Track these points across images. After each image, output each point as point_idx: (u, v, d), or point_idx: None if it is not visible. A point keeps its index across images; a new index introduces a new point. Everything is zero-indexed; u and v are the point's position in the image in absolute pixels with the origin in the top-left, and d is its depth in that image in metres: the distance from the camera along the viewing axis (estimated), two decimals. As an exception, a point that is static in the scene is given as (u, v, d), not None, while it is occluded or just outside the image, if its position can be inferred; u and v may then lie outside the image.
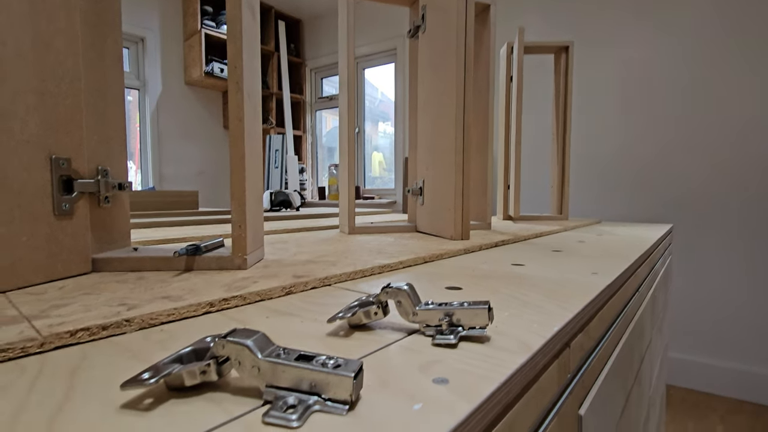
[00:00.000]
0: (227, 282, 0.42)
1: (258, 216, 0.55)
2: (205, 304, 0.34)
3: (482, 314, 0.27)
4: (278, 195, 1.75)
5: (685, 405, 1.82)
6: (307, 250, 0.66)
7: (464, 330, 0.28)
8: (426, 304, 0.29)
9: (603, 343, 0.45)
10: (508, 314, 0.34)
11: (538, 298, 0.39)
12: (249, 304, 0.37)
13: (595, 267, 0.56)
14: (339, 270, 0.48)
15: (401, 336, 0.29)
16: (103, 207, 0.50)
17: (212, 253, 0.49)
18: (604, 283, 0.46)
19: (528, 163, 2.48)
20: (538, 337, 0.28)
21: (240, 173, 0.48)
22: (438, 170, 0.85)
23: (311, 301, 0.38)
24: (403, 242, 0.76)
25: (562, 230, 1.12)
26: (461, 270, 0.54)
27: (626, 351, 0.57)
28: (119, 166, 0.53)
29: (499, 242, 0.80)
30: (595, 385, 0.41)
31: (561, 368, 0.32)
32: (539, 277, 0.49)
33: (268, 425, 0.18)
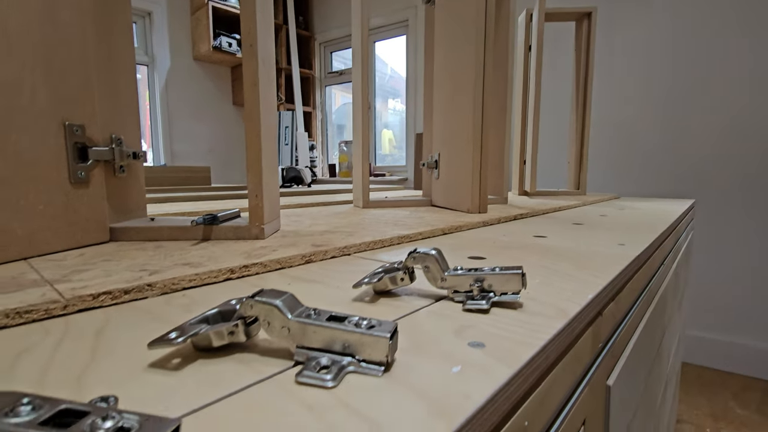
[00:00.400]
0: (246, 250, 0.41)
1: (274, 186, 0.54)
2: (225, 270, 0.34)
3: (515, 279, 0.26)
4: (290, 171, 1.74)
5: (699, 382, 1.82)
6: (323, 222, 0.65)
7: (496, 296, 0.27)
8: (455, 270, 0.28)
9: (631, 313, 0.44)
10: (539, 281, 0.33)
11: (567, 267, 0.38)
12: (269, 271, 0.36)
13: (621, 239, 0.54)
14: (357, 240, 0.47)
15: (429, 302, 0.28)
16: (118, 176, 0.49)
17: (229, 223, 0.49)
18: (634, 254, 0.44)
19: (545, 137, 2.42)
20: (573, 304, 0.27)
21: (255, 141, 0.47)
22: (454, 144, 0.83)
23: (332, 269, 0.37)
24: (419, 215, 0.75)
25: (581, 205, 1.09)
26: (482, 241, 0.52)
27: (651, 324, 0.55)
28: (132, 136, 0.52)
29: (517, 215, 0.78)
30: (623, 355, 0.40)
31: (594, 336, 0.31)
32: (564, 248, 0.47)
33: (301, 385, 0.17)
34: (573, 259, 0.41)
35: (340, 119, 4.47)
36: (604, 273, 0.36)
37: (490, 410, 0.17)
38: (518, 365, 0.19)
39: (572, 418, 0.27)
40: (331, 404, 0.16)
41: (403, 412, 0.15)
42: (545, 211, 0.90)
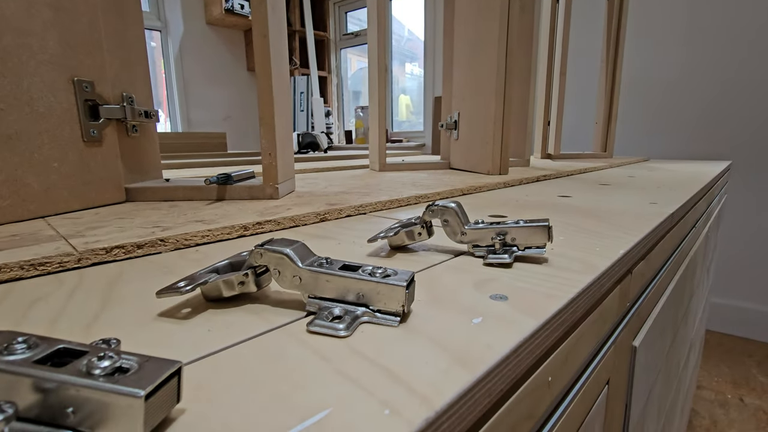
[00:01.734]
0: (260, 209, 0.40)
1: (288, 145, 0.52)
2: (239, 227, 0.33)
3: (541, 233, 0.24)
4: (305, 137, 1.72)
5: (721, 349, 1.79)
6: (338, 184, 0.64)
7: (519, 250, 0.25)
8: (476, 224, 0.27)
9: (661, 274, 0.42)
10: (564, 238, 0.31)
11: (595, 225, 0.36)
12: (283, 229, 0.36)
13: (652, 198, 0.51)
14: (373, 199, 0.46)
15: (448, 257, 0.26)
16: (131, 136, 0.48)
17: (243, 183, 0.48)
18: (668, 211, 0.41)
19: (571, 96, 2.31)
20: (603, 259, 0.25)
21: (268, 97, 0.45)
22: (476, 99, 0.79)
23: (347, 227, 0.36)
24: (437, 177, 0.73)
25: (608, 167, 1.05)
26: (504, 201, 0.50)
27: (679, 287, 0.53)
28: (144, 94, 0.51)
29: (540, 177, 0.75)
30: (650, 316, 0.39)
31: (622, 295, 0.29)
32: (591, 207, 0.45)
33: (313, 334, 0.16)
34: (601, 218, 0.39)
35: (356, 85, 4.36)
36: (636, 230, 0.34)
37: (513, 362, 0.15)
38: (544, 317, 0.18)
39: (596, 377, 0.26)
40: (346, 353, 0.15)
41: (423, 361, 0.14)
42: (570, 173, 0.86)
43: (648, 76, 2.13)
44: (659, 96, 2.11)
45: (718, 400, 1.45)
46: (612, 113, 1.31)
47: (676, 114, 2.07)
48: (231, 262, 0.21)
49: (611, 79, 1.30)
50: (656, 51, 2.10)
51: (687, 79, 2.03)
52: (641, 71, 2.14)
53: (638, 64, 2.14)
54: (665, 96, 2.10)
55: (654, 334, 0.40)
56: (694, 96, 2.02)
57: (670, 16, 2.06)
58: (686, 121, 2.05)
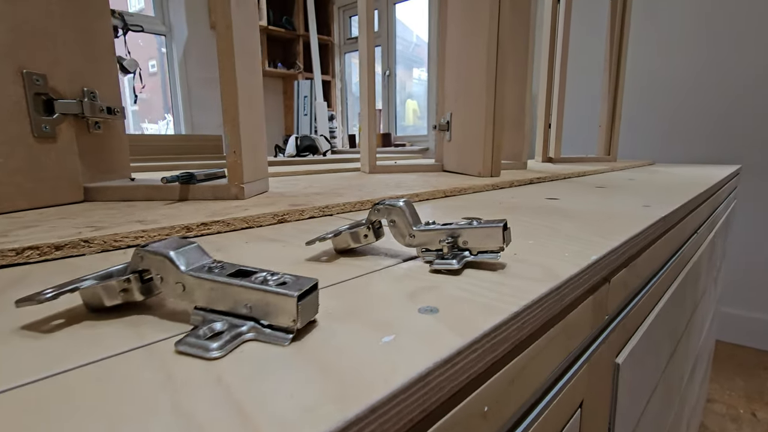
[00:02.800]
0: (216, 210, 0.37)
1: (259, 143, 0.50)
2: (179, 227, 0.30)
3: (495, 234, 0.21)
4: (304, 140, 1.70)
5: (733, 362, 1.72)
6: (320, 185, 0.61)
7: (472, 255, 0.22)
8: (426, 225, 0.23)
9: (653, 284, 0.38)
10: (534, 242, 0.28)
11: (574, 227, 0.33)
12: (234, 230, 0.33)
13: (646, 201, 0.48)
14: (343, 200, 0.43)
15: (396, 262, 0.23)
16: (93, 133, 0.46)
17: (208, 183, 0.45)
18: (658, 215, 0.38)
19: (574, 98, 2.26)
20: (569, 266, 0.22)
21: (231, 89, 0.43)
22: (467, 98, 0.76)
23: (305, 229, 0.34)
24: (425, 179, 0.70)
25: (609, 170, 1.01)
26: (486, 203, 0.47)
27: (679, 296, 0.49)
28: (110, 90, 0.49)
29: (534, 179, 0.71)
30: (638, 330, 0.35)
31: (597, 307, 0.26)
32: (577, 210, 0.42)
33: (180, 354, 0.13)
34: (584, 221, 0.36)
35: (363, 89, 4.35)
36: (618, 234, 0.30)
37: (420, 392, 0.12)
38: (474, 335, 0.15)
39: (563, 399, 0.23)
40: (202, 381, 0.12)
41: (288, 394, 0.11)
42: (566, 176, 0.82)
43: (656, 77, 2.08)
44: (668, 98, 2.06)
45: (730, 414, 1.39)
46: (615, 116, 1.27)
47: (686, 117, 2.01)
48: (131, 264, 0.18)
49: (614, 80, 1.26)
50: (663, 51, 2.05)
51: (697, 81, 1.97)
52: (648, 72, 2.09)
53: (644, 65, 2.09)
54: (674, 98, 2.04)
55: (643, 349, 0.36)
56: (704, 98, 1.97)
57: (679, 13, 2.01)
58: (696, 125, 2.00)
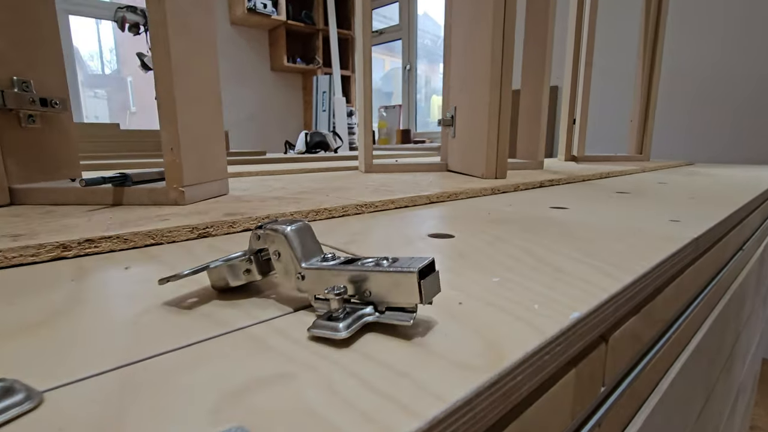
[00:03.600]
0: (130, 219, 0.31)
1: (211, 140, 0.43)
2: (53, 246, 0.24)
3: (407, 284, 0.14)
4: (314, 136, 1.65)
5: (782, 383, 1.54)
6: (294, 187, 0.54)
7: (377, 311, 0.14)
8: (323, 259, 0.16)
9: (680, 324, 0.29)
10: (500, 279, 0.20)
11: (570, 252, 0.24)
12: (132, 248, 0.27)
13: (676, 213, 0.38)
14: (296, 207, 0.36)
15: (277, 314, 0.16)
16: (26, 128, 0.41)
17: (145, 186, 0.39)
18: (689, 236, 0.29)
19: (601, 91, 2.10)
20: (530, 333, 0.14)
21: (166, 75, 0.36)
22: (471, 90, 0.68)
23: (221, 248, 0.27)
24: (418, 180, 0.62)
25: (638, 171, 0.89)
26: (473, 213, 0.39)
27: (716, 332, 0.39)
28: (53, 80, 0.43)
29: (545, 182, 0.62)
30: (653, 395, 0.26)
31: (584, 382, 0.18)
32: (584, 225, 0.33)
33: None
34: (587, 241, 0.27)
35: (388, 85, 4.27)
36: (627, 266, 0.22)
37: None
38: None
39: None
40: None
41: None
42: (586, 178, 0.72)
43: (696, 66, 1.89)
44: (711, 90, 1.87)
45: (777, 446, 1.23)
46: (649, 109, 1.14)
47: (732, 112, 1.82)
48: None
49: (648, 72, 1.13)
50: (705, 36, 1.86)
51: (745, 70, 1.78)
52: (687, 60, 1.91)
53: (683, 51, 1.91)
54: (718, 90, 1.85)
55: (661, 416, 0.27)
56: (754, 90, 1.77)
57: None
58: (743, 120, 1.80)
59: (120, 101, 3.50)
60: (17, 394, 0.11)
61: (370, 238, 0.29)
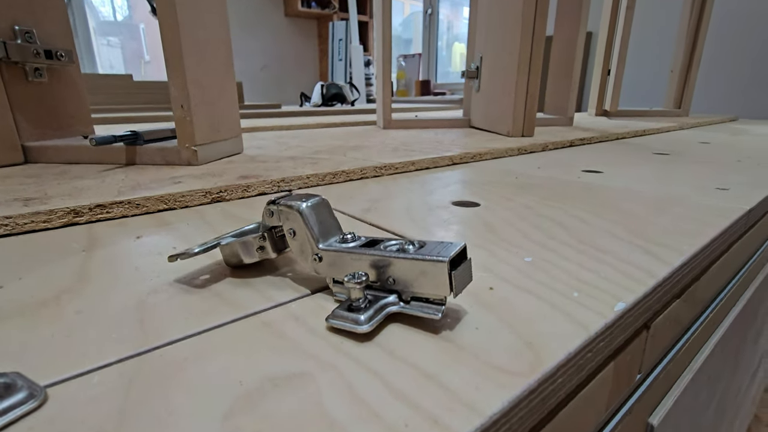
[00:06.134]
0: (143, 182, 0.30)
1: (222, 96, 0.41)
2: (64, 212, 0.23)
3: (435, 275, 0.12)
4: (331, 88, 1.59)
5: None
6: (310, 146, 0.52)
7: (402, 301, 0.13)
8: (342, 239, 0.15)
9: (716, 306, 0.27)
10: (533, 259, 0.18)
11: (607, 228, 0.22)
12: (145, 214, 0.26)
13: (723, 179, 0.35)
14: (312, 170, 0.34)
15: (292, 296, 0.15)
16: (33, 82, 0.40)
17: (156, 144, 0.38)
18: (741, 207, 0.26)
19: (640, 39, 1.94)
20: (573, 328, 0.13)
21: (171, 26, 0.34)
22: (500, 38, 0.62)
23: (234, 214, 0.26)
24: (440, 138, 0.59)
25: (677, 128, 0.83)
26: (500, 176, 0.37)
27: (752, 307, 0.37)
28: (55, 28, 0.41)
29: (575, 141, 0.58)
30: (684, 376, 0.25)
31: (621, 372, 0.17)
32: (621, 191, 0.30)
33: None
34: (626, 213, 0.25)
35: (407, 32, 4.03)
36: (673, 245, 0.20)
37: None
38: None
39: None
40: None
41: None
42: (620, 136, 0.68)
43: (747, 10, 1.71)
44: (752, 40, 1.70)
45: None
46: (693, 60, 1.04)
47: (785, 61, 1.67)
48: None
49: (697, 14, 1.02)
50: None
51: (806, 15, 1.60)
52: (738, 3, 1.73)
53: None
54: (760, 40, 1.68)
55: (688, 400, 0.26)
56: (813, 37, 1.60)
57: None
58: (797, 71, 1.65)
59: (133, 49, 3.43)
60: (19, 392, 0.10)
61: (389, 206, 0.27)
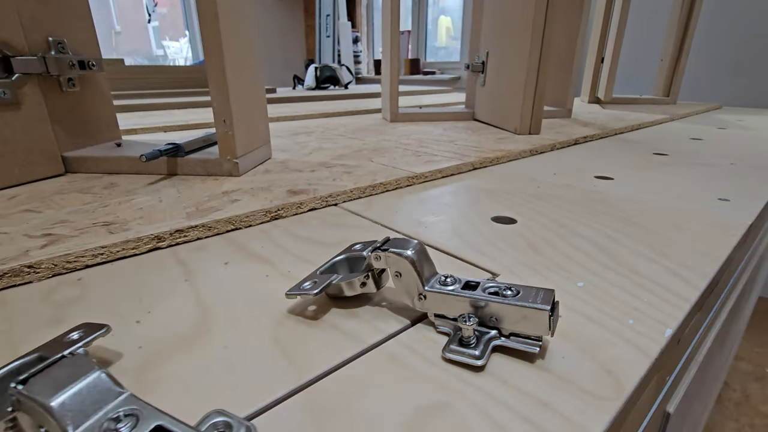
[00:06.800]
0: (200, 199, 0.32)
1: (255, 105, 0.42)
2: (149, 238, 0.25)
3: (537, 319, 0.15)
4: (324, 70, 1.57)
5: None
6: (330, 145, 0.54)
7: (501, 336, 0.16)
8: (442, 281, 0.17)
9: (716, 309, 0.32)
10: (585, 284, 0.21)
11: (635, 248, 0.26)
12: (215, 235, 0.28)
13: (722, 188, 0.39)
14: (352, 183, 0.36)
15: (400, 325, 0.18)
16: (68, 92, 0.40)
17: (199, 155, 0.40)
18: (745, 222, 0.30)
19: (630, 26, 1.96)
20: (636, 356, 0.16)
21: (215, 42, 0.35)
22: (506, 37, 0.64)
23: (299, 234, 0.28)
24: (451, 135, 0.61)
25: (668, 120, 0.87)
26: (521, 184, 0.40)
27: (743, 299, 0.42)
28: (83, 37, 0.41)
29: (579, 139, 0.61)
30: (692, 365, 0.29)
31: (660, 379, 0.20)
32: (636, 205, 0.34)
33: None
34: (648, 231, 0.28)
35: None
36: (696, 266, 0.23)
37: None
38: None
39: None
40: None
41: None
42: (618, 131, 0.71)
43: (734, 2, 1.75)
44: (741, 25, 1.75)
45: (755, 373, 1.36)
46: (684, 48, 1.08)
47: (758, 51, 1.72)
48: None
49: (689, 3, 1.05)
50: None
51: None
52: None
53: (727, -20, 1.75)
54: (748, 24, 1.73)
55: (697, 387, 0.31)
56: None
57: None
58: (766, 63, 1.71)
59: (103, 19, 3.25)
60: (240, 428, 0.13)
61: (437, 224, 0.30)
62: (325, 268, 0.20)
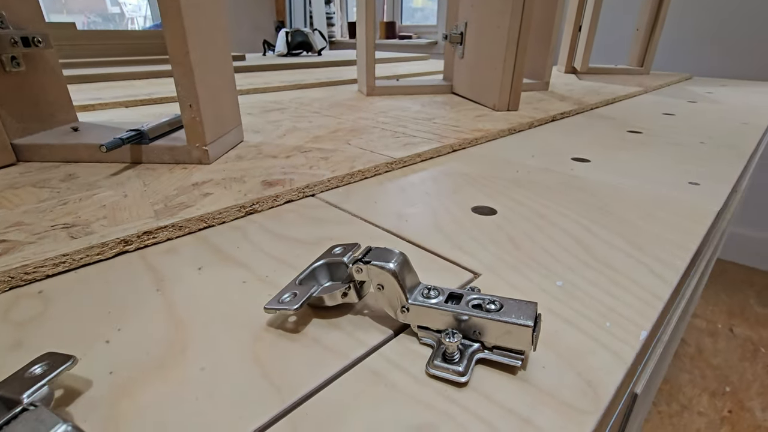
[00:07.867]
0: (169, 193, 0.30)
1: (224, 85, 0.40)
2: (115, 242, 0.24)
3: (521, 334, 0.15)
4: (296, 35, 1.50)
5: (723, 278, 1.77)
6: (305, 125, 0.52)
7: (485, 348, 0.16)
8: (426, 294, 0.17)
9: (681, 294, 0.33)
10: (563, 284, 0.22)
11: (611, 240, 0.26)
12: (187, 234, 0.27)
13: (692, 170, 0.40)
14: (329, 171, 0.35)
15: (383, 336, 0.18)
16: (12, 72, 0.37)
17: (166, 141, 0.37)
18: (713, 208, 0.31)
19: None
20: (613, 363, 0.17)
21: (175, 21, 0.32)
22: (485, 11, 0.62)
23: (276, 231, 0.27)
24: (429, 113, 0.60)
25: (641, 92, 0.88)
26: (500, 169, 0.39)
27: (704, 274, 0.45)
28: (25, 8, 0.37)
29: (556, 115, 0.61)
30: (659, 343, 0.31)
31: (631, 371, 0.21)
32: (612, 189, 0.34)
33: None
34: (623, 221, 0.29)
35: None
36: (667, 259, 0.24)
37: None
38: None
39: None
40: None
41: None
42: (594, 106, 0.71)
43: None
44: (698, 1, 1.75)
45: (709, 329, 1.47)
46: (659, 18, 1.07)
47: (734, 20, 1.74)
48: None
49: (668, -28, 1.03)
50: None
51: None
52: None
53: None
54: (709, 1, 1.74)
55: (661, 367, 0.33)
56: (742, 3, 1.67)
57: None
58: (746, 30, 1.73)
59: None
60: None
61: (417, 217, 0.29)
62: (304, 276, 0.20)
